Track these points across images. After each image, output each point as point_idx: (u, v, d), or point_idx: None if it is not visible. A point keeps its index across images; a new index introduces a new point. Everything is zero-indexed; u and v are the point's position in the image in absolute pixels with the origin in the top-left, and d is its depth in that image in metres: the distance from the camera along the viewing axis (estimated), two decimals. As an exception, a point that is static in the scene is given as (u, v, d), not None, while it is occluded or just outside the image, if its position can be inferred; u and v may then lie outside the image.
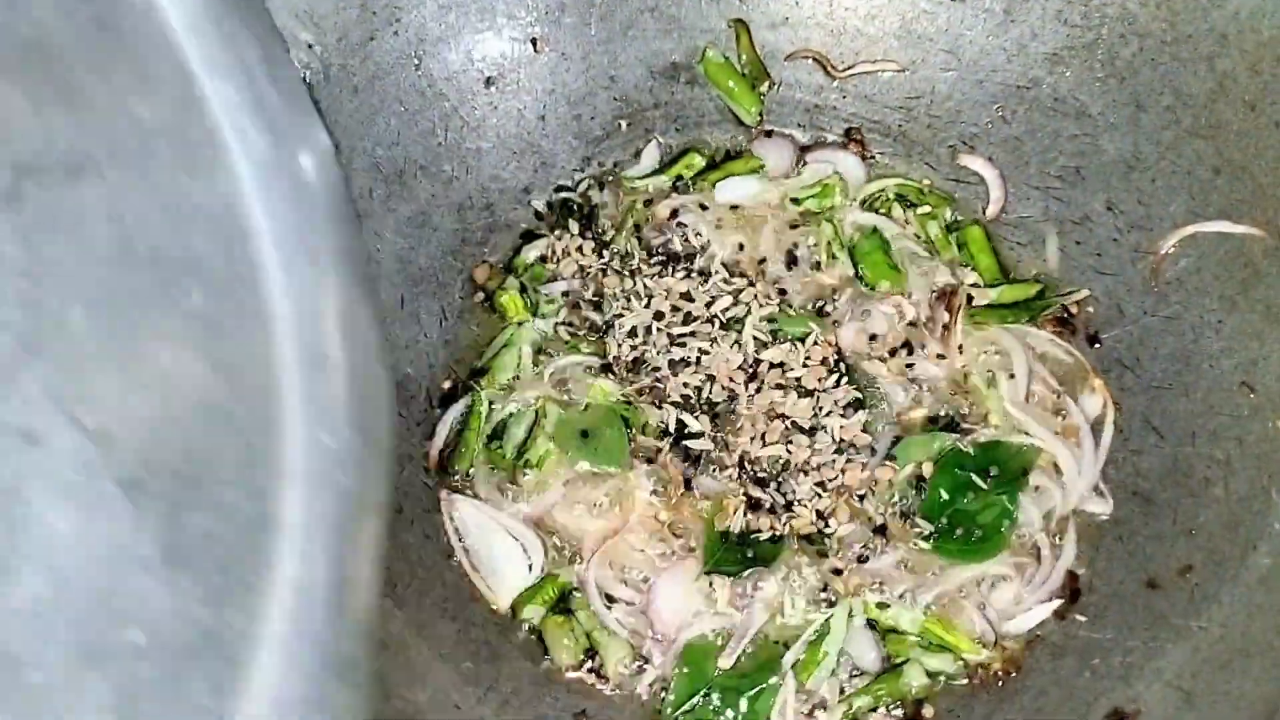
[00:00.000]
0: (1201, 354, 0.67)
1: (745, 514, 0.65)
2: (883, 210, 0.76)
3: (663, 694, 0.63)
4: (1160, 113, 0.70)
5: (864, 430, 0.67)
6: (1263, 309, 0.65)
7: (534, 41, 0.76)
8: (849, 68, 0.78)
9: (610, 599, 0.65)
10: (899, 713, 0.63)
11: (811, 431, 0.66)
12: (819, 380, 0.68)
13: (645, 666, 0.64)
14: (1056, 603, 0.65)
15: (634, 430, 0.68)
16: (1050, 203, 0.74)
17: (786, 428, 0.66)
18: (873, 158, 0.78)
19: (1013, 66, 0.75)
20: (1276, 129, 0.65)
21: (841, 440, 0.66)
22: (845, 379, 0.69)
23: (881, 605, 0.64)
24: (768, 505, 0.65)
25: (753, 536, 0.65)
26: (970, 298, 0.71)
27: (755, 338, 0.69)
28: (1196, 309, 0.68)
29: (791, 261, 0.74)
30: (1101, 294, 0.72)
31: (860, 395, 0.68)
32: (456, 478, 0.69)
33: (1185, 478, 0.65)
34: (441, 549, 0.66)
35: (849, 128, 0.79)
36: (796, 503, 0.65)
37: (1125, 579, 0.64)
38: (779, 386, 0.67)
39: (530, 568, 0.66)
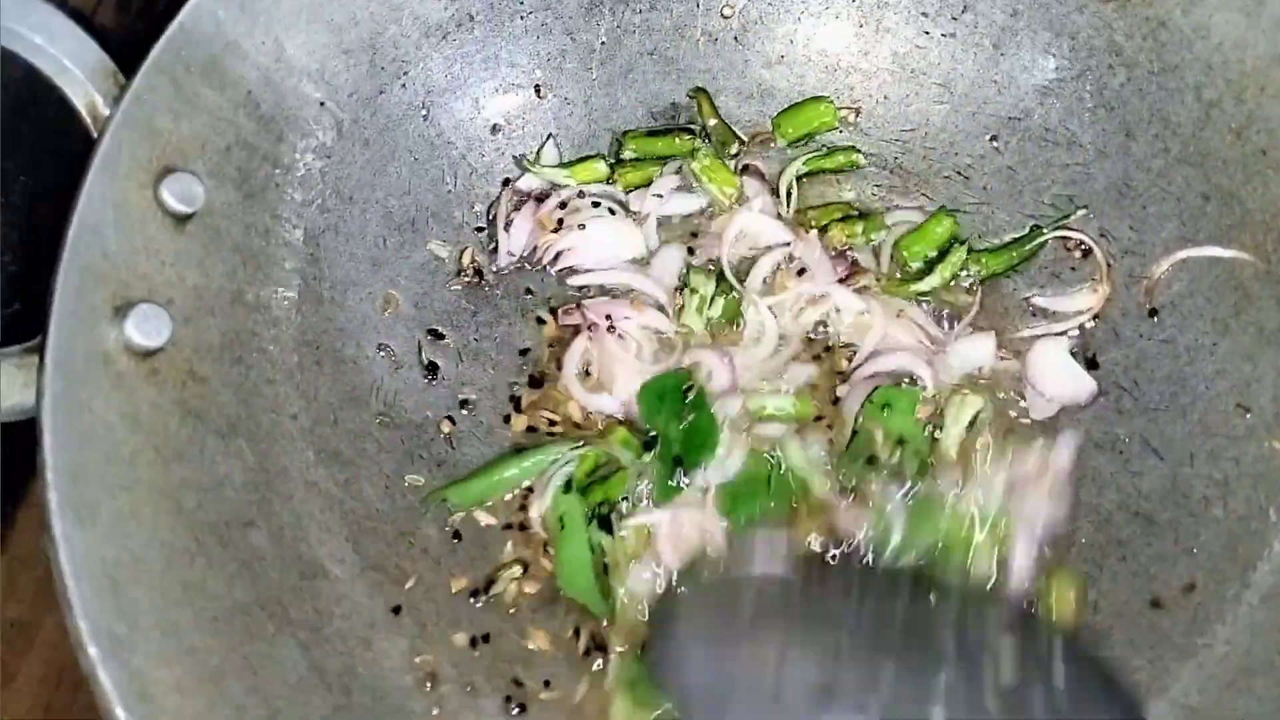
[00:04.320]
0: (1197, 376, 0.69)
1: None
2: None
3: None
4: (1149, 141, 0.72)
5: None
6: (1254, 331, 0.67)
7: (537, 88, 0.78)
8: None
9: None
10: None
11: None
12: None
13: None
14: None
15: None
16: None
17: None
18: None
19: (1004, 98, 0.77)
20: (1262, 156, 0.67)
21: None
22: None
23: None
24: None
25: None
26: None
27: None
28: (1191, 332, 0.70)
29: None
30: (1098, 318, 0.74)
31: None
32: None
33: (1185, 498, 0.66)
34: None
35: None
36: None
37: (1130, 599, 0.65)
38: None
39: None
